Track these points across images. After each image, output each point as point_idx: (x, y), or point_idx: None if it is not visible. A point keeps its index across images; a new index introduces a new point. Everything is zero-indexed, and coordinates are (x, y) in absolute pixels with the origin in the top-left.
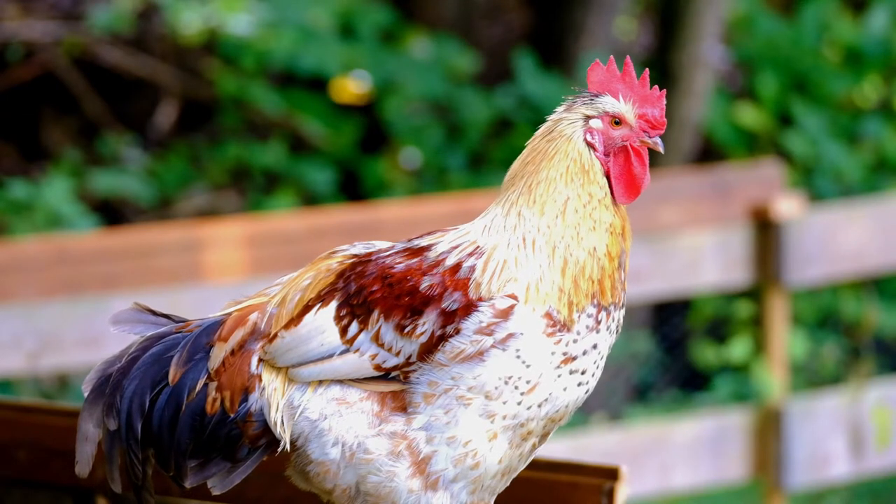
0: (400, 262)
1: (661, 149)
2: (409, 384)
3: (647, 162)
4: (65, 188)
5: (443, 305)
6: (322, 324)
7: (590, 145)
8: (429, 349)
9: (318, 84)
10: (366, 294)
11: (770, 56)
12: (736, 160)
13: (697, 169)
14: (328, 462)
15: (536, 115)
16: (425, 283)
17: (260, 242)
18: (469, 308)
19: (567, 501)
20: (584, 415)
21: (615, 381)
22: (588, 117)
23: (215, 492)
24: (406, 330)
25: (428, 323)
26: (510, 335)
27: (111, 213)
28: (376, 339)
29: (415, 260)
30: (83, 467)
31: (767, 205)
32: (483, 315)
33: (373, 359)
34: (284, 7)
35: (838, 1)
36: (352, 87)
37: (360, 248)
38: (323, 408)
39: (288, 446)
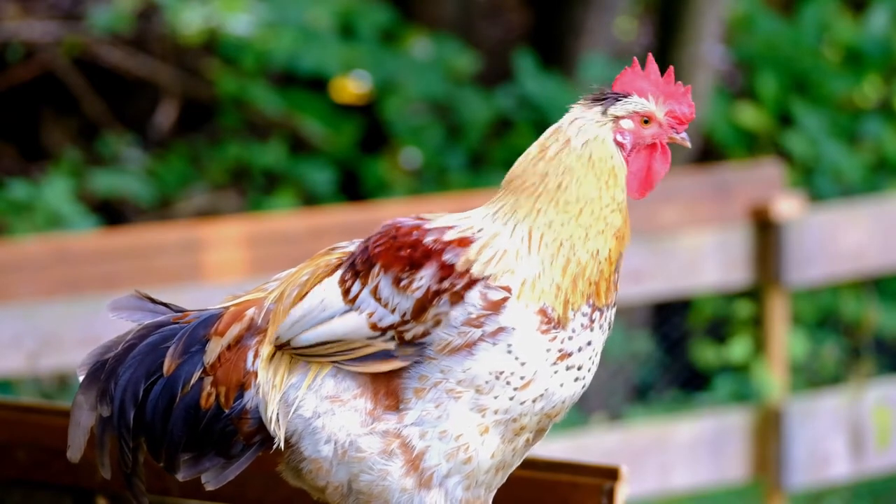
0: (410, 221)
1: (688, 144)
2: (402, 379)
3: (669, 158)
4: (65, 188)
5: (444, 258)
6: (327, 288)
7: (619, 146)
8: (423, 306)
9: (318, 84)
10: (370, 250)
11: (770, 56)
12: (736, 160)
13: (697, 169)
14: (321, 459)
15: (536, 115)
16: (429, 238)
17: (260, 242)
18: (467, 273)
19: (567, 501)
20: (584, 415)
21: (615, 381)
22: (618, 118)
23: (209, 487)
24: (402, 283)
25: (425, 277)
26: (500, 329)
27: (111, 213)
28: (374, 293)
29: (424, 222)
30: (74, 452)
31: (767, 205)
32: (472, 307)
33: (370, 317)
34: (284, 7)
35: (838, 1)
36: (352, 87)
37: (357, 247)
38: (316, 406)
39: (282, 444)
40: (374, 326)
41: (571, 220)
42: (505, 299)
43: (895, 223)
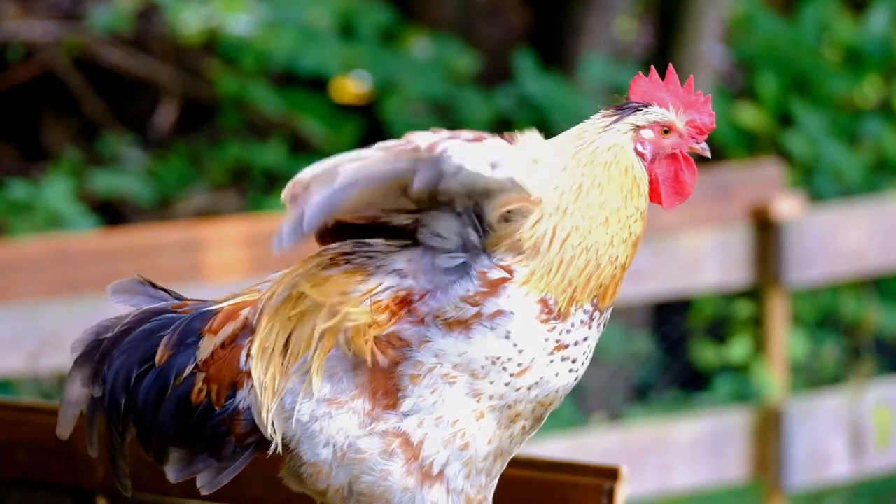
0: None
1: (708, 154)
2: (398, 368)
3: (695, 168)
4: (65, 188)
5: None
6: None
7: (640, 155)
8: (433, 147)
9: (318, 84)
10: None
11: (770, 56)
12: (736, 160)
13: (697, 169)
14: (320, 463)
15: (536, 115)
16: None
17: (260, 242)
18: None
19: (567, 501)
20: (584, 415)
21: (615, 381)
22: (638, 127)
23: (204, 491)
24: (433, 129)
25: (448, 135)
26: (499, 313)
27: (111, 213)
28: (408, 136)
29: None
30: (64, 429)
31: (767, 205)
32: (471, 284)
33: (391, 149)
34: (284, 7)
35: (838, 1)
36: (352, 87)
37: (349, 247)
38: (314, 409)
39: (280, 448)
40: (385, 146)
41: (598, 227)
42: (504, 280)
43: (895, 223)
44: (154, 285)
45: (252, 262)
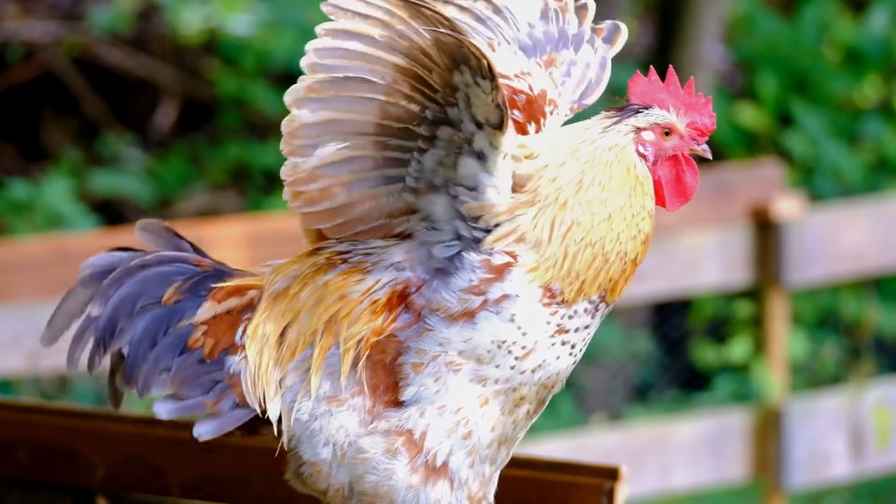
0: None
1: (709, 155)
2: (400, 357)
3: (696, 169)
4: (65, 188)
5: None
6: None
7: (642, 157)
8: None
9: None
10: None
11: (770, 56)
12: (736, 160)
13: (698, 169)
14: (320, 462)
15: None
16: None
17: (260, 242)
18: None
19: (567, 501)
20: (584, 415)
21: (615, 381)
22: (639, 129)
23: (203, 438)
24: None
25: None
26: (505, 297)
27: (111, 213)
28: None
29: None
30: (49, 339)
31: (767, 205)
32: (474, 274)
33: None
34: (284, 7)
35: (838, 1)
36: None
37: (345, 246)
38: (314, 408)
39: (285, 443)
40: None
41: (601, 223)
42: (509, 264)
43: (895, 223)
44: (180, 236)
45: (252, 262)
